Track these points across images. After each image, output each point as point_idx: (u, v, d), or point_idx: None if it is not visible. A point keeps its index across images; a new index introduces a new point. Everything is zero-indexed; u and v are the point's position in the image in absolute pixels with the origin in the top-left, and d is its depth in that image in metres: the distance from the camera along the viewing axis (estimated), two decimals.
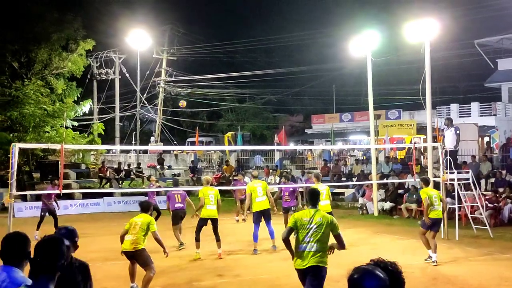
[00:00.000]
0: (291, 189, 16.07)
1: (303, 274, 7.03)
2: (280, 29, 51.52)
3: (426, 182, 12.68)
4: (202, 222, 12.81)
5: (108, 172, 29.29)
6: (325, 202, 12.88)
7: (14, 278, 3.87)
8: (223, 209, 22.95)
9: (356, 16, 45.01)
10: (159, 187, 19.26)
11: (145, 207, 9.91)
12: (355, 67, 35.32)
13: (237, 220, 19.70)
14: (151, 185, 18.30)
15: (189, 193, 26.37)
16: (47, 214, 17.08)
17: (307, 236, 6.93)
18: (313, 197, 7.26)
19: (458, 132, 17.93)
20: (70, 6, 30.71)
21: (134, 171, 30.33)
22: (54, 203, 17.33)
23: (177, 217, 14.58)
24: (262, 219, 13.43)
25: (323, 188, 13.30)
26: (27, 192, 19.93)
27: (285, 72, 44.64)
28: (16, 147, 11.40)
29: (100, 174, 28.59)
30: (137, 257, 9.28)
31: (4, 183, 22.52)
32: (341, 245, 7.05)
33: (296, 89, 48.87)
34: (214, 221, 12.76)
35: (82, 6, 32.63)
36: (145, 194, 25.11)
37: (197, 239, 12.70)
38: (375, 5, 51.95)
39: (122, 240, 9.42)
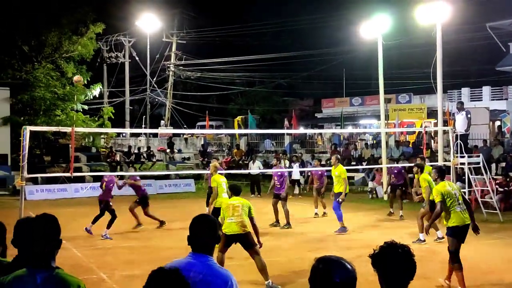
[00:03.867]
0: (280, 174, 15.45)
1: (463, 229, 8.55)
2: (290, 12, 51.26)
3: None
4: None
5: (118, 156, 29.42)
6: None
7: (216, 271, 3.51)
8: None
9: None
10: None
11: (237, 191, 9.50)
12: (365, 51, 35.06)
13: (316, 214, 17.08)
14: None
15: (198, 176, 26.59)
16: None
17: (456, 200, 8.63)
18: (443, 173, 9.20)
19: (469, 116, 17.84)
20: None
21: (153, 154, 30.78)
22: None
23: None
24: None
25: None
26: (38, 175, 20.04)
27: (295, 55, 44.42)
28: (27, 130, 11.45)
29: (108, 159, 28.68)
30: (245, 239, 8.76)
31: (16, 166, 22.70)
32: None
33: (306, 73, 48.64)
34: None
35: None
36: (154, 177, 25.27)
37: None
38: None
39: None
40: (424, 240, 12.10)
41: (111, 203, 13.95)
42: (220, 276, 3.43)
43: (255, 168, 23.60)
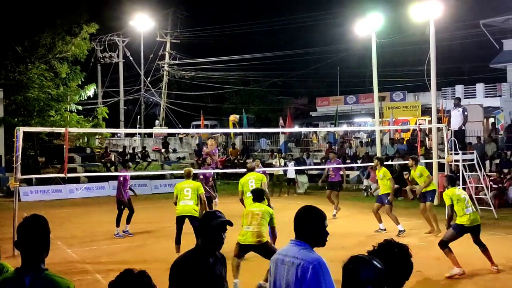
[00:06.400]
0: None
1: (468, 229, 9.59)
2: (284, 11, 51.29)
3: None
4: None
5: (112, 156, 29.37)
6: None
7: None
8: (228, 192, 22.97)
9: None
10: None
11: (260, 195, 8.80)
12: (360, 49, 35.15)
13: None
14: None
15: (194, 176, 26.53)
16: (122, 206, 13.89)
17: (467, 203, 9.58)
18: (453, 180, 10.26)
19: (466, 113, 17.88)
20: None
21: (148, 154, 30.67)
22: (129, 190, 14.05)
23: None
24: None
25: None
26: (32, 176, 20.00)
27: (289, 54, 44.44)
28: (20, 131, 11.43)
29: (103, 160, 28.63)
30: (262, 250, 8.28)
31: (10, 167, 22.64)
32: None
33: (301, 71, 48.65)
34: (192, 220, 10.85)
35: None
36: (151, 177, 25.23)
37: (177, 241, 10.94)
38: None
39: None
40: (405, 230, 13.18)
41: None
42: (307, 259, 3.54)
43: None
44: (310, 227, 3.69)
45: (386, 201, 13.33)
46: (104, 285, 9.07)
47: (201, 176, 14.20)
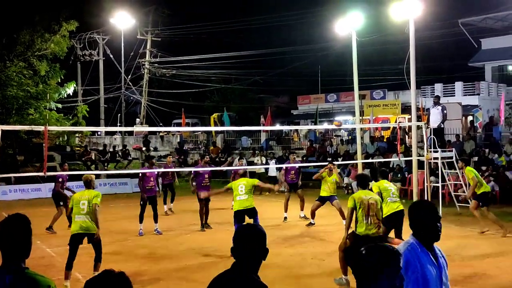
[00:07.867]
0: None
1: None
2: (265, 9, 51.27)
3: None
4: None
5: (93, 154, 29.15)
6: None
7: None
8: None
9: None
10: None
11: (364, 181, 8.55)
12: (340, 47, 35.28)
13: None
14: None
15: (178, 174, 26.48)
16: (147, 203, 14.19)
17: (392, 194, 10.44)
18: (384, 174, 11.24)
19: (445, 111, 18.07)
20: None
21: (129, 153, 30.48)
22: (155, 187, 14.59)
23: None
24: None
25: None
26: (11, 175, 19.79)
27: (270, 53, 44.47)
28: None
29: (84, 158, 28.40)
30: (384, 240, 8.50)
31: None
32: None
33: (282, 69, 48.73)
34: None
35: None
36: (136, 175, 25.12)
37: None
38: None
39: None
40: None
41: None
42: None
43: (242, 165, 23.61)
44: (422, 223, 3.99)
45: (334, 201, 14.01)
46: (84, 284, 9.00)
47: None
